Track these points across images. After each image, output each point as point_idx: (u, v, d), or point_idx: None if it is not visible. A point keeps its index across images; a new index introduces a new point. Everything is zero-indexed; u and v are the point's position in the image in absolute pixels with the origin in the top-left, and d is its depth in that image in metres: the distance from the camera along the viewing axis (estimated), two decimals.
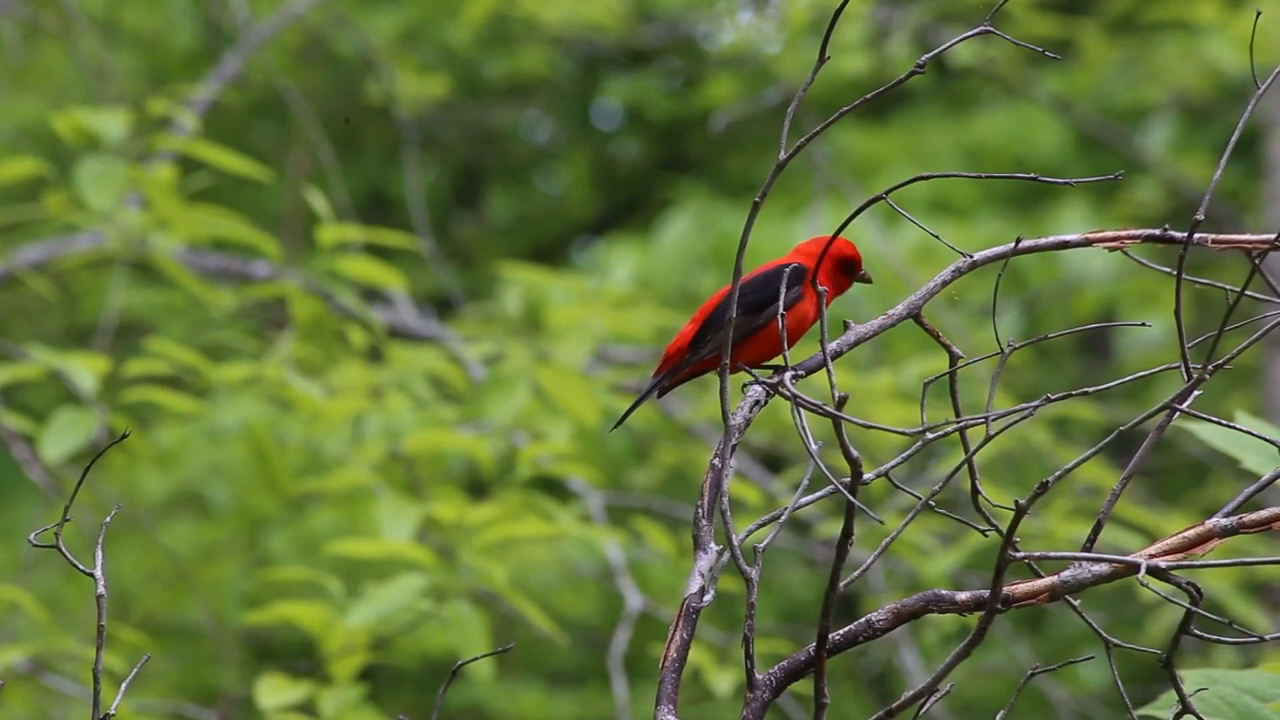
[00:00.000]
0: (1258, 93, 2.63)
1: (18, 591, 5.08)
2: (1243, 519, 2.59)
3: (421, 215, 7.73)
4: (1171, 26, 8.96)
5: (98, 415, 5.35)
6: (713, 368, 2.94)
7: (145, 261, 5.77)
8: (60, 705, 6.04)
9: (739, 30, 9.77)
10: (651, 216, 9.68)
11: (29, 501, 8.53)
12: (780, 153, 2.60)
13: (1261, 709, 2.89)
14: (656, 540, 5.57)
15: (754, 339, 2.84)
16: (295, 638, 7.84)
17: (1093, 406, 6.86)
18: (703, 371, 2.97)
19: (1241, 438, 3.06)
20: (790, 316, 2.82)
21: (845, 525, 2.52)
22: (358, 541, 5.17)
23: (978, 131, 9.70)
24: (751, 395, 2.77)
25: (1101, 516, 2.61)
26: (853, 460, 2.51)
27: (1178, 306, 2.59)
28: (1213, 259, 8.62)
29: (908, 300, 2.78)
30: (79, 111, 5.67)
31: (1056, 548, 5.49)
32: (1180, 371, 2.60)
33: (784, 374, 2.73)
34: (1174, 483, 9.13)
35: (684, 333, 2.95)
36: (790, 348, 2.81)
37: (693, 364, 2.94)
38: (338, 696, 4.86)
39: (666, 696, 2.57)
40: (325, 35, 8.99)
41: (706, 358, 2.92)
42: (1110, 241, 2.77)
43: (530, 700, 9.08)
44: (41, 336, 8.18)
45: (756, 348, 2.85)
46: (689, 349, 2.94)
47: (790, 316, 2.82)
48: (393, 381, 5.64)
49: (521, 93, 10.70)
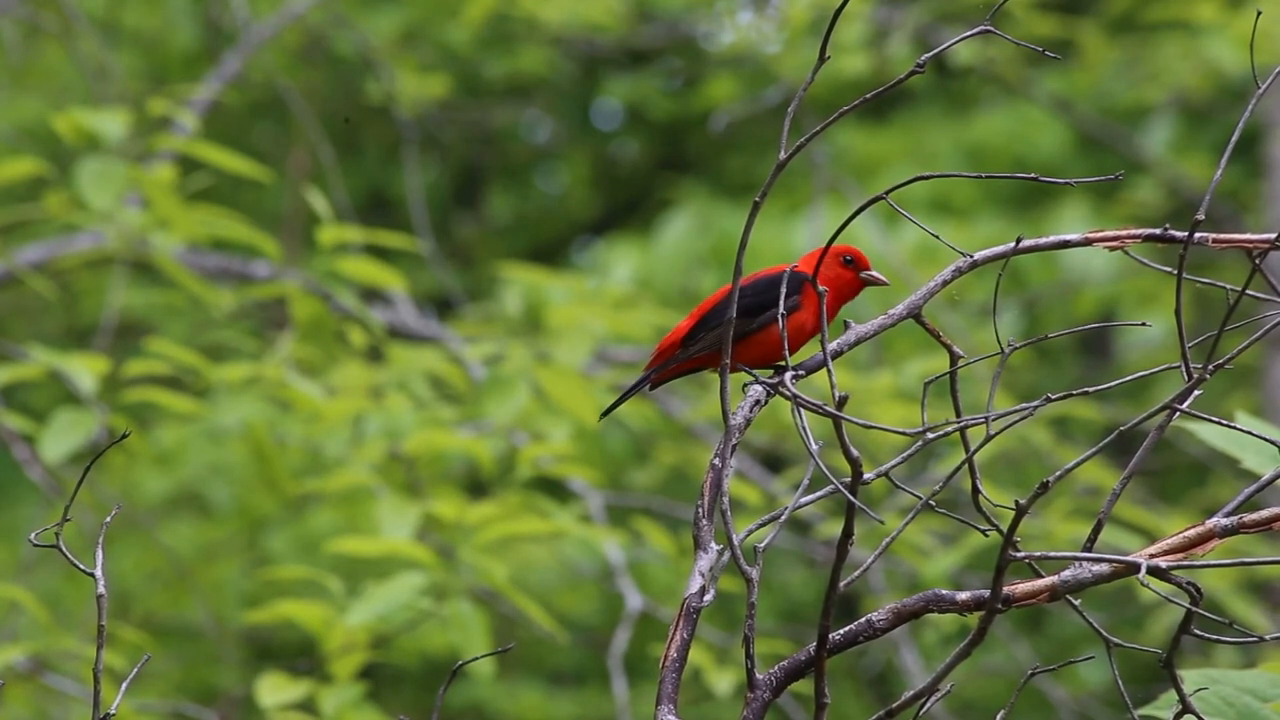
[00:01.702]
0: (1258, 93, 2.63)
1: (18, 591, 5.08)
2: (1243, 519, 2.59)
3: (421, 215, 7.73)
4: (1171, 26, 8.95)
5: (98, 415, 5.35)
6: (703, 366, 2.95)
7: (145, 261, 5.77)
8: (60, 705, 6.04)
9: (739, 30, 9.77)
10: (651, 216, 9.68)
11: (29, 501, 8.53)
12: (780, 153, 2.60)
13: (1262, 709, 2.89)
14: (656, 540, 5.57)
15: (749, 342, 2.84)
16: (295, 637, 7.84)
17: (1093, 406, 6.86)
18: (693, 369, 2.97)
19: (1241, 438, 3.06)
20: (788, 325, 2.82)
21: (846, 525, 2.52)
22: (358, 540, 5.17)
23: (978, 131, 9.70)
24: (751, 395, 2.77)
25: (1102, 516, 2.61)
26: (853, 460, 2.51)
27: (1178, 306, 2.59)
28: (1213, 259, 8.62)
29: (908, 300, 2.78)
30: (79, 111, 5.67)
31: (1056, 548, 5.49)
32: (1180, 371, 2.60)
33: (784, 374, 2.73)
34: (1174, 483, 9.13)
35: (679, 328, 2.95)
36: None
37: (682, 360, 2.94)
38: (338, 695, 4.85)
39: (667, 696, 2.57)
40: (325, 35, 8.99)
41: (696, 355, 2.92)
42: (1110, 241, 2.77)
43: (530, 700, 9.08)
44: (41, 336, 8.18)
45: (751, 351, 2.85)
46: (680, 344, 2.94)
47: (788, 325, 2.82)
48: (393, 382, 5.64)
49: (521, 93, 10.70)
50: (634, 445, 7.53)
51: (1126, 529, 5.76)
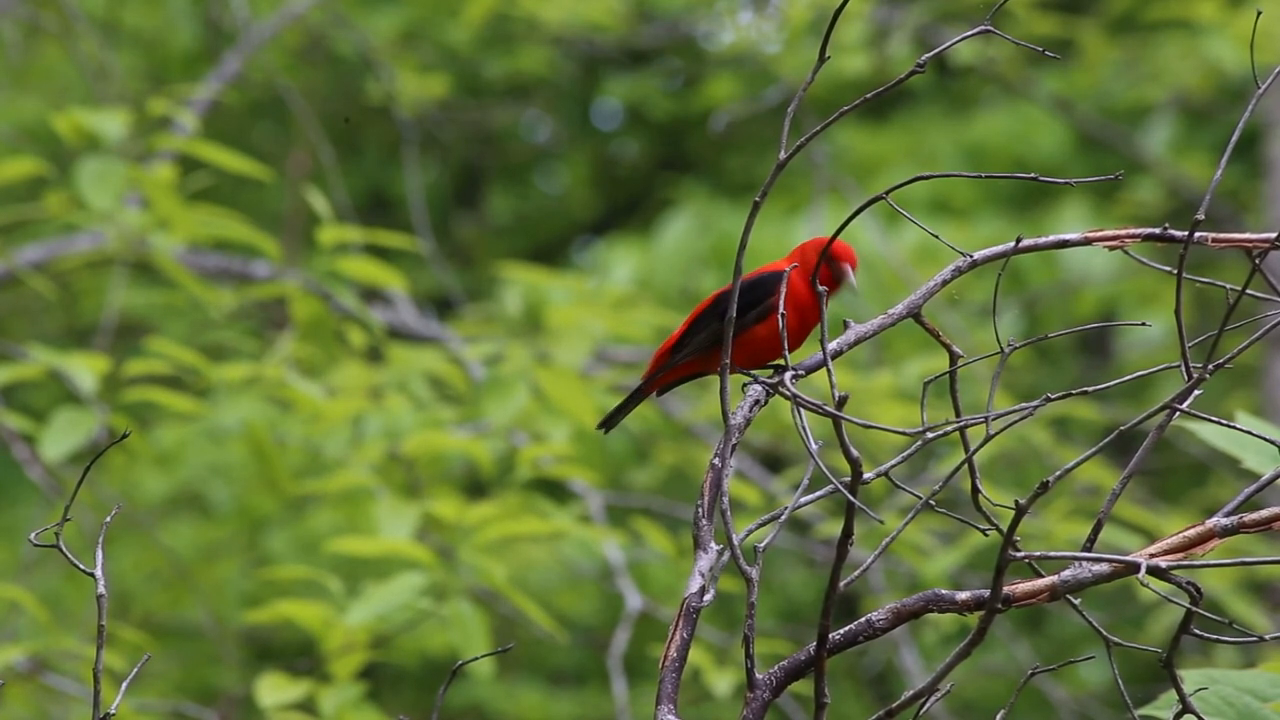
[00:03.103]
0: (1258, 93, 2.63)
1: (18, 591, 5.08)
2: (1243, 519, 2.59)
3: (421, 215, 7.73)
4: (1172, 26, 8.95)
5: (98, 415, 5.35)
6: (698, 372, 2.96)
7: (145, 261, 5.77)
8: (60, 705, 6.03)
9: (739, 30, 9.77)
10: (651, 216, 9.67)
11: (29, 501, 8.53)
12: (780, 153, 2.60)
13: (1262, 709, 2.89)
14: (656, 540, 5.57)
15: (737, 343, 2.83)
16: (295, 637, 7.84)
17: (1093, 406, 6.86)
18: (689, 376, 2.98)
19: (1241, 437, 3.06)
20: (766, 324, 2.83)
21: (846, 525, 2.52)
22: (357, 540, 5.17)
23: (978, 131, 9.70)
24: (751, 395, 2.77)
25: (1101, 517, 2.61)
26: (853, 460, 2.51)
27: (1178, 306, 2.59)
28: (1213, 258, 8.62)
29: (907, 300, 2.78)
30: (79, 111, 5.67)
31: (1056, 547, 5.49)
32: (1180, 371, 2.60)
33: (784, 374, 2.73)
34: (1174, 482, 9.13)
35: (672, 336, 2.96)
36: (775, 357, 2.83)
37: (671, 368, 2.95)
38: (338, 695, 4.85)
39: (666, 696, 2.56)
40: (325, 35, 8.99)
41: (683, 362, 2.94)
42: (1109, 241, 2.77)
43: (530, 700, 9.08)
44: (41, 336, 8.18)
45: (742, 351, 2.85)
46: (670, 352, 2.95)
47: (766, 324, 2.83)
48: (392, 382, 5.63)
49: (521, 93, 10.70)
50: (634, 445, 7.53)
51: (1126, 528, 5.76)
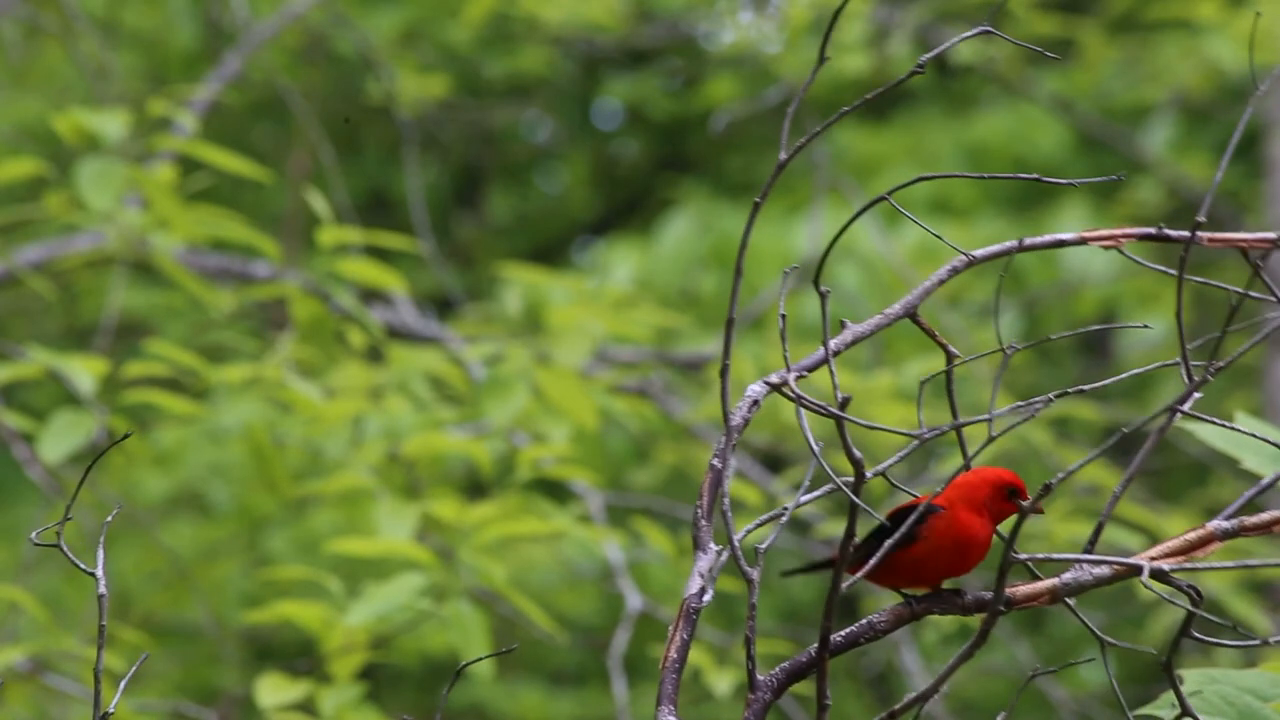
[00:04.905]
0: (1258, 93, 2.63)
1: (18, 591, 5.07)
2: (1243, 522, 2.59)
3: (421, 215, 7.73)
4: (1172, 26, 8.95)
5: (97, 416, 5.35)
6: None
7: (145, 261, 5.77)
8: (60, 705, 6.03)
9: (739, 30, 9.77)
10: (651, 216, 9.67)
11: (29, 501, 8.53)
12: (781, 153, 2.60)
13: (1262, 709, 2.89)
14: (656, 540, 5.57)
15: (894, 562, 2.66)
16: (295, 637, 7.84)
17: (1093, 407, 6.86)
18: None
19: (1242, 438, 3.05)
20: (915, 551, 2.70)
21: (848, 526, 2.52)
22: (357, 540, 5.16)
23: (978, 131, 9.70)
24: (750, 395, 2.76)
25: (1103, 519, 2.61)
26: (856, 461, 2.51)
27: (1179, 307, 2.59)
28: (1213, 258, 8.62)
29: (904, 299, 2.78)
30: (79, 111, 5.66)
31: (1056, 548, 5.49)
32: (1180, 370, 2.60)
33: (787, 374, 2.72)
34: (1175, 482, 9.13)
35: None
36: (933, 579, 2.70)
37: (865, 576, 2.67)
38: (337, 695, 4.85)
39: (667, 697, 2.56)
40: (325, 35, 8.99)
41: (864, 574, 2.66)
42: (1106, 240, 2.77)
43: (531, 700, 9.08)
44: (41, 336, 8.18)
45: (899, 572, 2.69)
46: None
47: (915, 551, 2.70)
48: (392, 382, 5.63)
49: (521, 93, 10.70)
50: (634, 445, 7.53)
51: (1127, 528, 5.76)
